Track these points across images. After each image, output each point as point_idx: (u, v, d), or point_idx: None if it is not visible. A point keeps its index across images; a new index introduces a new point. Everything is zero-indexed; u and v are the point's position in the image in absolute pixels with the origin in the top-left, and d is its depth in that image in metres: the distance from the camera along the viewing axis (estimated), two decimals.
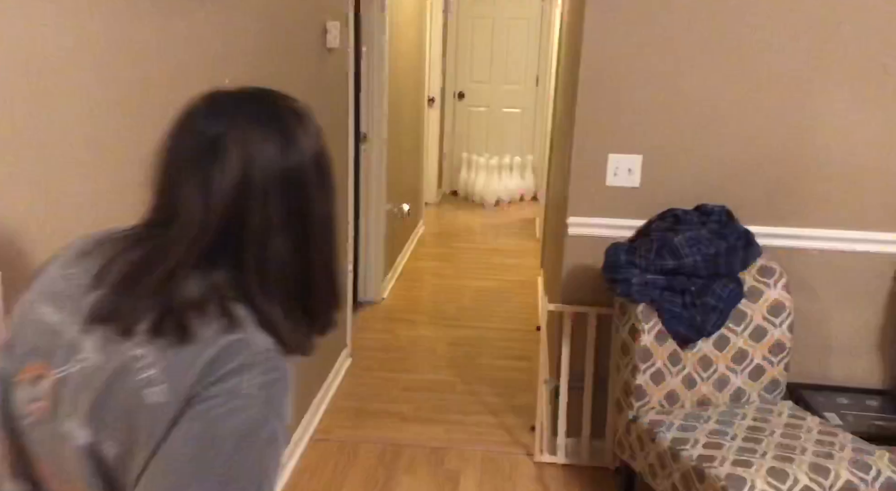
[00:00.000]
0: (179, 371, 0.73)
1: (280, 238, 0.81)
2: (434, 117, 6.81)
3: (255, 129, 0.81)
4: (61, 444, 0.77)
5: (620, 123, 2.56)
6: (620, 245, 2.44)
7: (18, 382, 0.81)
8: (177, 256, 0.78)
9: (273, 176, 0.80)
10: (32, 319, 0.82)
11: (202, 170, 0.79)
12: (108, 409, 0.75)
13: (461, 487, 2.60)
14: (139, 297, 0.77)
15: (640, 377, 2.31)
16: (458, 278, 4.95)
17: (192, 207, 0.78)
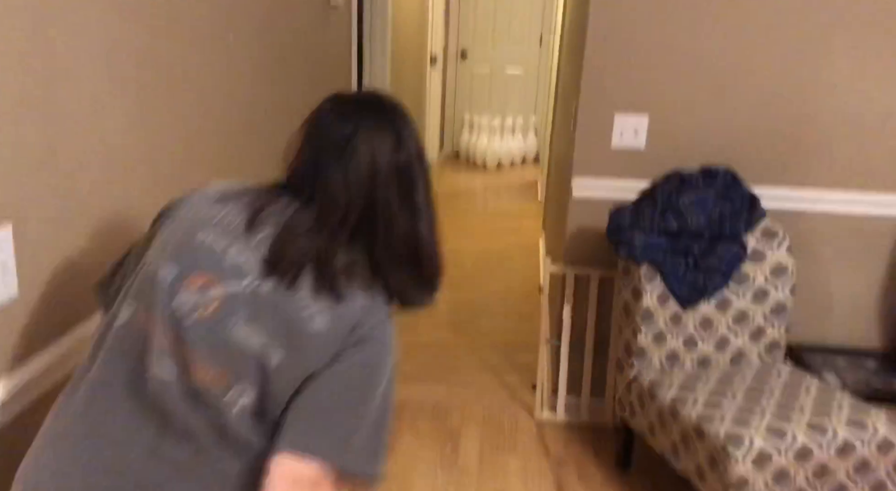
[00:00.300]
0: (335, 322, 0.99)
1: (400, 219, 1.03)
2: (436, 77, 6.74)
3: (376, 131, 1.03)
4: (228, 344, 0.97)
5: (627, 83, 2.53)
6: (624, 207, 2.43)
7: (184, 287, 0.99)
8: (330, 231, 1.00)
9: (392, 168, 1.03)
10: (194, 240, 1.02)
11: (340, 162, 1.01)
12: (279, 328, 0.97)
13: (462, 444, 2.65)
14: (301, 255, 0.99)
15: (642, 338, 2.33)
16: (460, 240, 4.95)
17: (335, 190, 1.01)
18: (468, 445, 2.65)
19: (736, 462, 1.89)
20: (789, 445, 1.93)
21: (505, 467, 2.52)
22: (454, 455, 2.58)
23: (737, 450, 1.90)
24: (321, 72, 2.85)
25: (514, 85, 7.31)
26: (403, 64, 4.80)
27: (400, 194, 1.03)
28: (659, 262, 2.32)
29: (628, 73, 2.52)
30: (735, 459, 1.89)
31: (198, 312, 0.98)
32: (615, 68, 2.52)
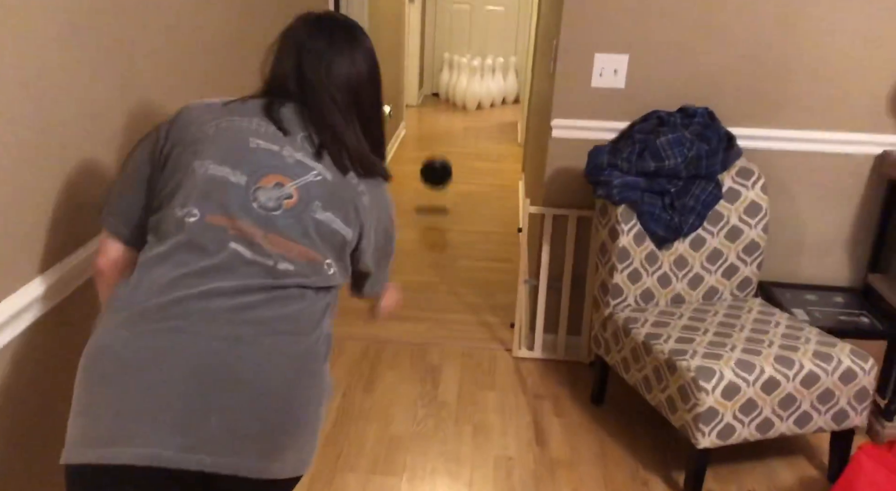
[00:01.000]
0: (372, 193, 1.28)
1: (377, 111, 1.33)
2: (415, 15, 6.59)
3: (347, 44, 1.30)
4: (314, 224, 1.20)
5: (608, 22, 2.50)
6: (603, 147, 2.44)
7: (262, 187, 1.17)
8: (343, 123, 1.26)
9: (367, 73, 1.31)
10: (252, 147, 1.19)
11: (321, 69, 1.27)
12: (347, 208, 1.24)
13: (443, 380, 2.71)
14: (339, 146, 1.24)
15: (618, 276, 2.37)
16: None
17: (330, 91, 1.26)
18: (448, 381, 2.71)
19: (706, 394, 1.96)
20: (757, 378, 2.00)
21: (483, 402, 2.59)
22: (434, 391, 2.64)
23: (707, 382, 1.96)
24: (293, 8, 2.78)
25: (494, 23, 7.18)
26: (380, 2, 4.69)
27: (374, 93, 1.32)
28: (636, 201, 2.34)
29: (609, 12, 2.49)
30: (705, 391, 1.96)
31: (284, 204, 1.17)
32: (595, 8, 2.49)
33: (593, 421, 2.50)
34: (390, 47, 5.21)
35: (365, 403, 2.55)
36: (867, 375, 2.07)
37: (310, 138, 1.23)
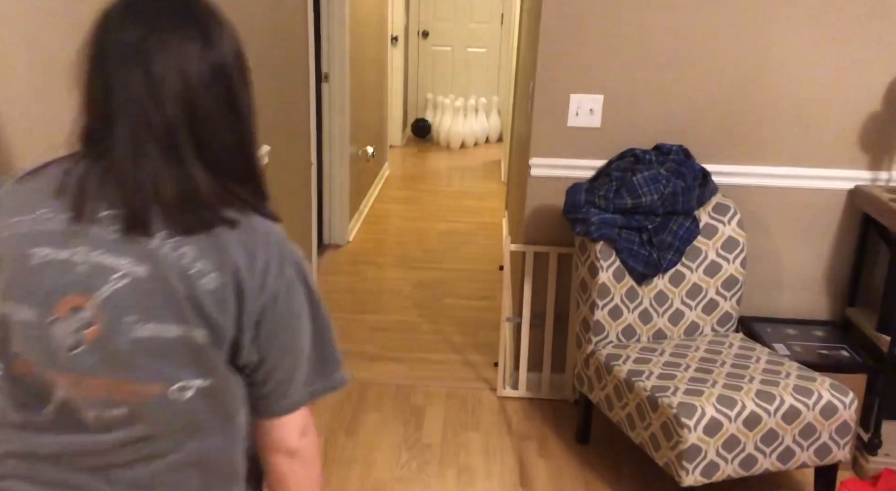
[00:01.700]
0: (218, 257, 0.88)
1: (227, 126, 0.91)
2: (398, 57, 6.70)
3: (175, 31, 0.87)
4: (134, 348, 0.87)
5: (583, 63, 2.55)
6: (580, 185, 2.47)
7: (57, 318, 0.87)
8: (164, 159, 0.87)
9: (206, 70, 0.88)
10: (36, 264, 0.87)
11: (137, 74, 0.85)
12: (180, 303, 0.87)
13: (427, 422, 2.68)
14: (141, 203, 0.86)
15: (599, 313, 2.38)
16: (424, 221, 4.97)
17: (145, 109, 0.85)
18: (432, 422, 2.68)
19: (689, 431, 1.95)
20: (738, 413, 1.99)
21: (468, 444, 2.56)
22: (418, 433, 2.61)
23: (689, 419, 1.96)
24: (275, 52, 2.83)
25: (476, 65, 7.30)
26: (364, 44, 4.77)
27: (219, 101, 0.89)
28: (614, 238, 2.36)
29: (583, 54, 2.54)
30: (688, 428, 1.95)
31: (85, 336, 0.86)
32: (570, 49, 2.54)
33: (578, 461, 2.48)
34: (374, 89, 5.28)
35: (347, 447, 2.52)
36: (848, 409, 2.07)
37: (116, 215, 0.86)
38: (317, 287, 0.97)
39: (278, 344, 0.93)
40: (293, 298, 0.93)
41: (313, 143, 3.51)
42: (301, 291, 0.94)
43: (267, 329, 0.92)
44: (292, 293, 0.93)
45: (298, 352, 0.95)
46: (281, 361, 0.94)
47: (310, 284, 0.96)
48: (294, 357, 0.95)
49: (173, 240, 0.86)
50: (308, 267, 0.97)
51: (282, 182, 3.00)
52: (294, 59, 3.10)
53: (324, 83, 4.07)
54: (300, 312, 0.94)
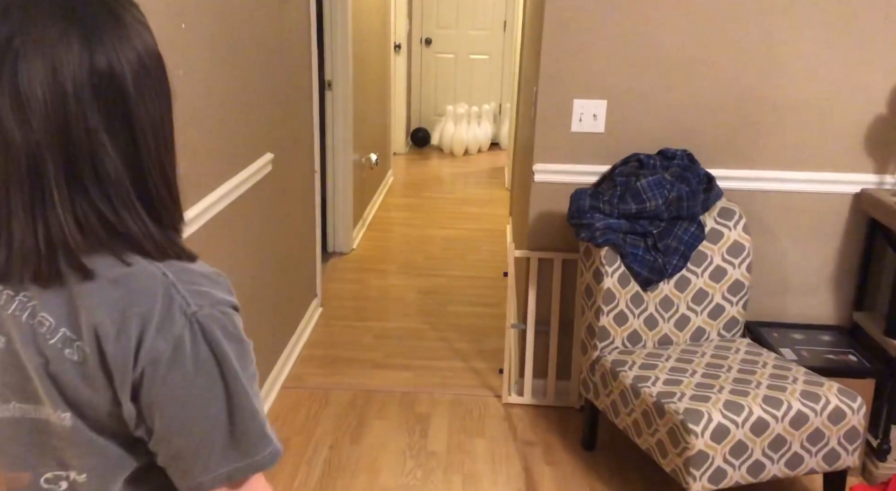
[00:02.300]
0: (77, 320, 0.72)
1: (113, 151, 0.72)
2: (401, 65, 6.71)
3: (51, 28, 0.69)
4: (12, 430, 0.76)
5: (586, 68, 2.55)
6: (584, 190, 2.46)
7: None
8: (13, 196, 0.70)
9: (86, 79, 0.70)
10: None
11: (6, 86, 0.68)
12: (35, 381, 0.73)
13: (432, 429, 2.67)
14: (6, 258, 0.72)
15: (604, 319, 2.37)
16: (428, 228, 4.96)
17: (6, 129, 0.69)
18: (437, 430, 2.67)
19: (696, 437, 1.94)
20: (745, 419, 1.98)
21: (473, 451, 2.55)
22: (423, 440, 2.60)
23: (696, 425, 1.94)
24: (278, 60, 2.83)
25: (479, 71, 7.31)
26: (366, 52, 4.78)
27: (107, 117, 0.71)
28: (619, 244, 2.35)
29: (586, 59, 2.54)
30: (694, 435, 1.94)
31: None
32: (573, 55, 2.54)
33: (585, 467, 2.46)
34: (377, 97, 5.29)
35: (352, 455, 2.50)
36: (856, 414, 2.06)
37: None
38: (238, 342, 0.77)
39: (167, 418, 0.74)
40: (183, 362, 0.72)
41: (317, 151, 3.51)
42: (202, 351, 0.73)
43: (149, 402, 0.73)
44: (181, 356, 0.72)
45: (199, 427, 0.74)
46: (174, 439, 0.75)
47: (217, 340, 0.74)
48: (192, 434, 0.75)
49: (31, 304, 0.72)
50: (229, 319, 0.77)
51: (285, 190, 3.00)
52: (297, 67, 3.10)
53: (327, 91, 4.08)
54: (199, 379, 0.73)
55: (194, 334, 0.73)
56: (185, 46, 1.93)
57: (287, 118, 2.99)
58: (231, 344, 0.76)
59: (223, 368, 0.75)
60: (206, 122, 2.10)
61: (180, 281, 0.75)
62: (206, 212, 2.08)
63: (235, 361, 0.76)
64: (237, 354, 0.76)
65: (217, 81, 2.17)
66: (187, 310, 0.73)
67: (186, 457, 0.76)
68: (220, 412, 0.75)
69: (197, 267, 0.78)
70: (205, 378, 0.74)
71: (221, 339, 0.75)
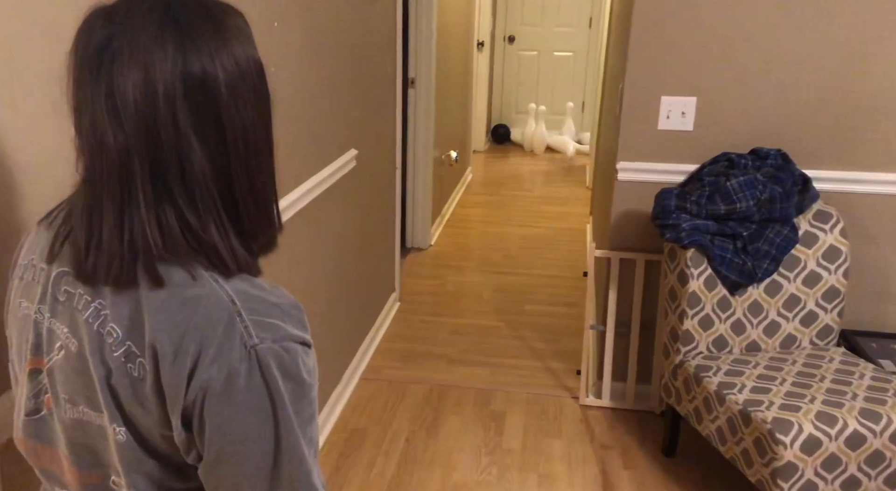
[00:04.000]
0: (142, 335, 0.71)
1: (200, 154, 0.71)
2: (483, 62, 6.71)
3: (147, 31, 0.69)
4: (71, 428, 0.77)
5: (675, 64, 2.48)
6: (670, 190, 2.40)
7: (27, 378, 0.79)
8: (103, 197, 0.70)
9: (178, 82, 0.69)
10: (18, 315, 0.80)
11: (99, 85, 0.69)
12: (97, 390, 0.73)
13: (507, 427, 2.66)
14: (83, 259, 0.72)
15: (688, 322, 2.30)
16: (506, 225, 4.95)
17: (101, 128, 0.69)
18: (512, 428, 2.66)
19: (784, 448, 1.86)
20: (840, 432, 1.88)
21: (549, 451, 2.52)
22: (498, 438, 2.60)
23: (785, 435, 1.86)
24: (364, 57, 2.88)
25: (562, 69, 7.22)
26: (450, 50, 4.80)
27: (197, 120, 0.70)
28: (706, 246, 2.28)
29: (675, 55, 2.47)
30: (783, 445, 1.86)
31: (45, 401, 0.79)
32: (661, 51, 2.47)
33: (664, 474, 2.40)
34: (458, 94, 5.31)
35: (428, 449, 2.52)
36: None
37: (65, 273, 0.76)
38: (297, 382, 0.72)
39: (215, 450, 0.71)
40: (235, 395, 0.69)
41: (398, 147, 3.55)
42: (255, 386, 0.69)
43: (199, 429, 0.71)
44: (233, 388, 0.69)
45: (244, 464, 0.71)
46: (219, 470, 0.72)
47: (273, 377, 0.70)
48: (236, 469, 0.71)
49: (104, 313, 0.72)
50: (291, 356, 0.72)
51: (368, 186, 3.04)
52: (382, 64, 3.15)
53: (410, 89, 4.12)
54: (249, 415, 0.70)
55: (251, 368, 0.69)
56: (277, 44, 1.98)
57: (371, 115, 3.03)
58: (287, 383, 0.71)
59: (276, 409, 0.71)
60: (295, 118, 2.15)
61: (247, 309, 0.71)
62: (293, 205, 2.13)
63: (290, 402, 0.71)
64: (293, 395, 0.71)
65: (306, 78, 2.22)
66: (248, 341, 0.70)
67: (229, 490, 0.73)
68: (265, 455, 0.71)
69: (272, 296, 0.74)
70: (254, 417, 0.70)
71: (278, 376, 0.70)
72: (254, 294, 0.73)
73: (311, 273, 2.38)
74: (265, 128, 0.77)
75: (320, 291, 2.48)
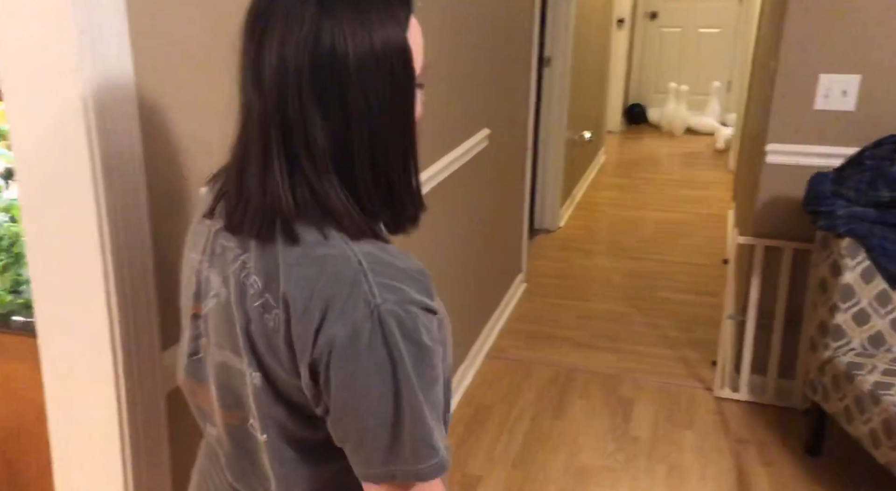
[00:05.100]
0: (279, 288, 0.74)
1: (315, 128, 0.73)
2: (622, 40, 6.51)
3: (286, 18, 0.72)
4: (217, 371, 0.83)
5: (836, 39, 2.29)
6: (825, 174, 2.23)
7: (189, 324, 0.87)
8: (250, 158, 0.75)
9: (304, 62, 0.71)
10: (188, 265, 0.88)
11: (252, 70, 0.74)
12: (239, 337, 0.77)
13: (635, 415, 2.60)
14: (233, 214, 0.78)
15: (840, 316, 2.14)
16: (640, 209, 4.80)
17: (250, 105, 0.75)
18: (640, 416, 2.60)
19: None
20: None
21: (679, 442, 2.45)
22: (626, 425, 2.55)
23: None
24: (501, 36, 2.87)
25: (708, 46, 6.86)
26: (587, 28, 4.69)
27: (321, 95, 0.72)
28: (864, 235, 2.11)
29: (837, 29, 2.28)
30: None
31: (202, 345, 0.85)
32: (821, 25, 2.29)
33: (807, 474, 2.26)
34: (595, 73, 5.18)
35: (553, 430, 2.52)
36: None
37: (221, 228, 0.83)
38: (417, 345, 0.73)
39: (340, 403, 0.74)
40: (357, 353, 0.72)
41: (530, 126, 3.53)
42: (376, 345, 0.71)
43: (325, 382, 0.74)
44: (356, 346, 0.71)
45: (366, 420, 0.74)
46: (344, 424, 0.75)
47: (394, 339, 0.72)
48: (359, 424, 0.74)
49: (249, 266, 0.77)
50: (412, 319, 0.73)
51: (499, 165, 3.05)
52: (518, 43, 3.13)
53: (545, 68, 4.07)
54: (370, 374, 0.72)
55: (373, 327, 0.71)
56: (420, 23, 2.01)
57: (505, 94, 3.03)
58: (408, 345, 0.72)
59: (396, 368, 0.72)
60: (432, 97, 2.19)
61: (373, 272, 0.73)
62: (426, 183, 2.17)
63: (410, 364, 0.72)
64: (414, 357, 0.73)
65: (444, 57, 2.25)
66: (371, 301, 0.72)
67: (354, 445, 0.76)
68: (386, 411, 0.73)
69: (399, 261, 0.76)
70: (376, 374, 0.72)
71: (399, 338, 0.72)
72: (381, 257, 0.75)
73: (439, 249, 2.43)
74: (401, 112, 0.76)
75: (447, 268, 2.53)
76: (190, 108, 1.16)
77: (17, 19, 0.96)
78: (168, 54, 1.11)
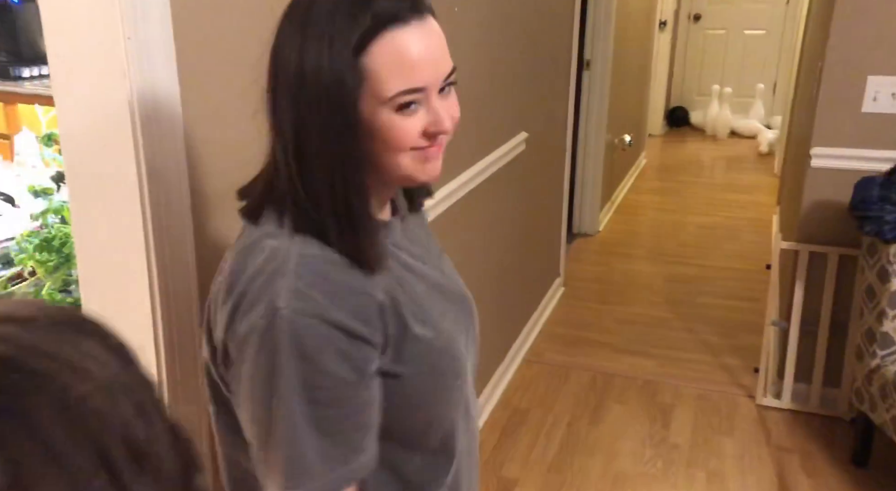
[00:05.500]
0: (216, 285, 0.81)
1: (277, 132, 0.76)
2: (665, 42, 6.43)
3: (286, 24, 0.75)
4: None
5: (887, 40, 2.24)
6: (873, 178, 2.18)
7: None
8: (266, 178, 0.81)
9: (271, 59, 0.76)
10: None
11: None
12: (207, 315, 0.82)
13: (674, 421, 2.57)
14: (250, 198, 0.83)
15: (888, 324, 2.08)
16: (681, 213, 4.73)
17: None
18: (680, 422, 2.56)
19: None
20: None
21: (719, 449, 2.41)
22: (664, 431, 2.51)
23: None
24: (540, 39, 2.86)
25: (752, 48, 6.73)
26: (629, 30, 4.65)
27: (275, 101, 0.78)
28: None
29: (888, 29, 2.22)
30: None
31: None
32: (871, 25, 2.24)
33: (853, 485, 2.21)
34: (636, 76, 5.13)
35: (590, 436, 2.50)
36: None
37: None
38: (311, 363, 0.69)
39: (235, 398, 0.76)
40: (247, 354, 0.71)
41: (569, 129, 3.51)
42: (263, 352, 0.69)
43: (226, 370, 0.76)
44: (248, 347, 0.70)
45: (248, 423, 0.74)
46: (241, 419, 0.76)
47: (280, 350, 0.68)
48: (246, 425, 0.75)
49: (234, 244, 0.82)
50: (314, 336, 0.69)
51: (536, 169, 3.04)
52: (557, 46, 3.11)
53: (585, 71, 4.05)
54: (249, 378, 0.71)
55: (265, 330, 0.68)
56: (456, 27, 2.03)
57: (543, 97, 3.02)
58: (297, 361, 0.68)
59: (275, 379, 0.68)
60: (469, 100, 2.19)
61: (297, 274, 0.70)
62: (463, 187, 2.18)
63: (297, 381, 0.68)
64: (303, 375, 0.68)
65: (482, 60, 2.25)
66: (273, 303, 0.68)
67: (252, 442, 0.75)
68: (263, 420, 0.71)
69: (342, 275, 0.72)
70: (257, 378, 0.70)
71: (288, 351, 0.68)
72: (317, 265, 0.72)
73: (477, 252, 2.43)
74: (325, 136, 0.73)
75: (484, 271, 2.53)
76: (231, 113, 1.19)
77: (68, 26, 1.00)
78: (209, 62, 1.14)
